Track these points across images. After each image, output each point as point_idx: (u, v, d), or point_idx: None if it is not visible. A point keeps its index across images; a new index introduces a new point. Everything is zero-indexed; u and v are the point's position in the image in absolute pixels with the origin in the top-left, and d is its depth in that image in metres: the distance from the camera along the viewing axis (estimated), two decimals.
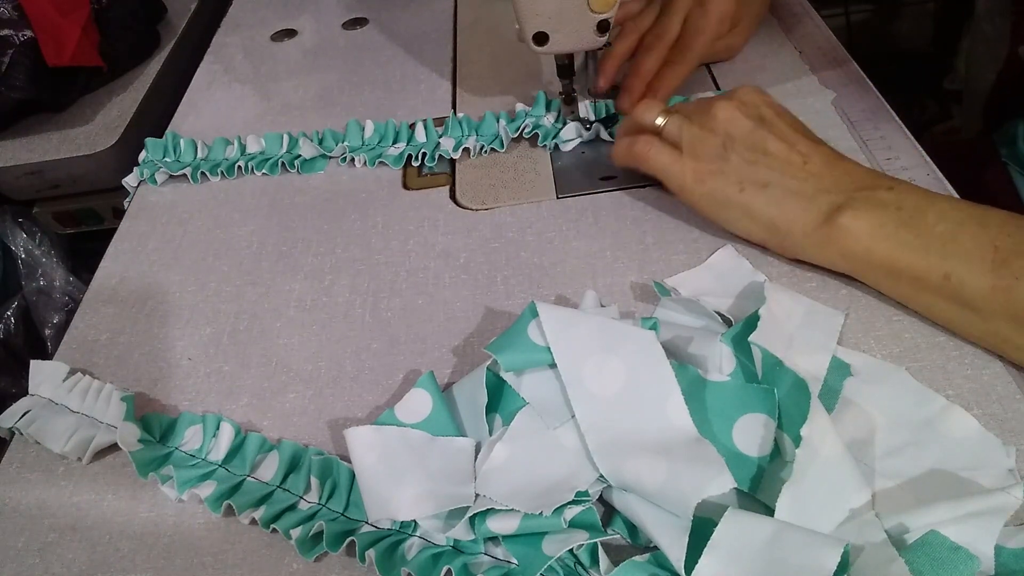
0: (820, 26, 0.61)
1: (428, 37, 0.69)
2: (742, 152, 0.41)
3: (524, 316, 0.37)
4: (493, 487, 0.32)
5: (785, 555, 0.27)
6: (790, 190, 0.40)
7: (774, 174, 0.40)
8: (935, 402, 0.34)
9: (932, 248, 0.35)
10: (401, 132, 0.56)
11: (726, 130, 0.42)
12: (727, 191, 0.41)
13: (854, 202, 0.37)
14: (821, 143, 0.42)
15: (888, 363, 0.36)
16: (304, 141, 0.57)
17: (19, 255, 0.71)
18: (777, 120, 0.42)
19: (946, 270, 0.35)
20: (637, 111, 0.46)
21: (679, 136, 0.43)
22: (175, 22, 0.78)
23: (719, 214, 0.43)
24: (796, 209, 0.39)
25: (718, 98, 0.43)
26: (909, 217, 0.36)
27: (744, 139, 0.41)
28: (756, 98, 0.43)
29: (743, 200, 0.41)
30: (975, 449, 0.32)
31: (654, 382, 0.34)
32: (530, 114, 0.54)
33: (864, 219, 0.37)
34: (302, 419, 0.40)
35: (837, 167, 0.40)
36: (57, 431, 0.39)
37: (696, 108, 0.44)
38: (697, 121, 0.43)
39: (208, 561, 0.34)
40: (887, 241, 0.36)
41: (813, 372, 0.35)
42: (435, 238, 0.49)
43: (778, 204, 0.40)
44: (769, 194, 0.40)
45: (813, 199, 0.39)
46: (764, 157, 0.41)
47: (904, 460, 0.32)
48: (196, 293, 0.48)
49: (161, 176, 0.57)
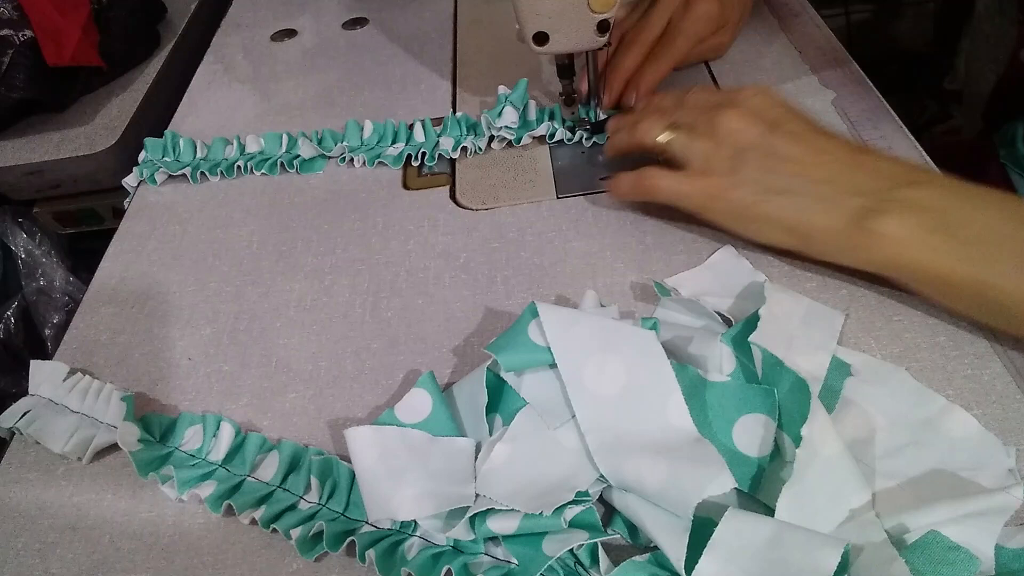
0: (820, 26, 0.61)
1: (428, 37, 0.69)
2: (755, 161, 0.39)
3: (524, 316, 0.37)
4: (493, 487, 0.32)
5: (785, 555, 0.27)
6: (811, 194, 0.38)
7: (792, 179, 0.38)
8: (935, 402, 0.34)
9: (967, 254, 0.33)
10: (400, 132, 0.56)
11: (735, 141, 0.40)
12: (746, 203, 0.39)
13: (883, 204, 0.35)
14: (836, 137, 0.40)
15: (888, 363, 0.36)
16: (303, 141, 0.56)
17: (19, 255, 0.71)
18: (787, 121, 0.40)
19: (983, 277, 0.33)
20: (639, 130, 0.44)
21: (686, 155, 0.42)
22: (175, 22, 0.78)
23: (745, 227, 0.41)
24: (821, 214, 0.37)
25: (721, 105, 0.41)
26: (942, 220, 0.34)
27: (756, 147, 0.39)
28: (762, 100, 0.41)
29: (764, 210, 0.39)
30: (975, 449, 0.32)
31: (654, 382, 0.34)
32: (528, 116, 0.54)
33: (894, 224, 0.35)
34: (302, 419, 0.40)
35: (857, 162, 0.38)
36: (57, 431, 0.39)
37: (699, 119, 0.42)
38: (703, 135, 0.41)
39: (208, 561, 0.34)
40: (920, 247, 0.34)
41: (813, 372, 0.35)
42: (435, 238, 0.49)
43: (801, 210, 0.38)
44: (790, 201, 0.38)
45: (837, 202, 0.37)
46: (780, 163, 0.39)
47: (904, 460, 0.32)
48: (196, 293, 0.48)
49: (160, 176, 0.57)
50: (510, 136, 0.53)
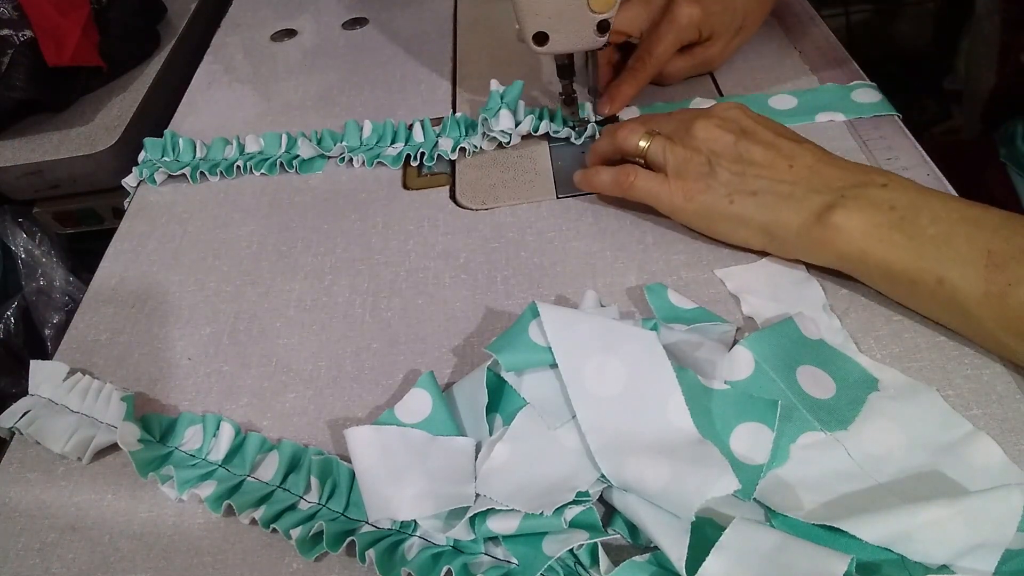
0: (820, 26, 0.61)
1: (428, 37, 0.69)
2: (728, 165, 0.41)
3: (524, 316, 0.37)
4: (493, 487, 0.32)
5: (792, 560, 0.27)
6: (780, 194, 0.40)
7: (762, 181, 0.40)
8: (961, 427, 0.33)
9: (925, 252, 0.35)
10: (399, 132, 0.56)
11: (709, 147, 0.42)
12: (718, 204, 0.41)
13: (845, 200, 0.37)
14: (806, 142, 0.41)
15: (920, 382, 0.35)
16: (303, 141, 0.56)
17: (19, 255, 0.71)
18: (758, 128, 0.42)
19: (939, 274, 0.34)
20: (619, 136, 0.46)
21: (663, 158, 0.43)
22: (175, 22, 0.78)
23: (714, 228, 0.43)
24: (787, 211, 0.39)
25: (698, 116, 0.43)
26: (901, 218, 0.36)
27: (728, 152, 0.41)
28: (734, 112, 0.43)
29: (734, 211, 0.41)
30: (996, 479, 0.31)
31: (655, 383, 0.34)
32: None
33: (856, 219, 0.37)
34: (302, 419, 0.40)
35: (824, 165, 0.40)
36: (57, 431, 0.39)
37: (677, 128, 0.44)
38: (680, 141, 0.43)
39: (208, 561, 0.34)
40: (880, 243, 0.36)
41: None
42: (435, 238, 0.49)
43: (769, 209, 0.40)
44: (759, 201, 0.40)
45: (803, 200, 0.39)
46: (750, 167, 0.41)
47: (917, 482, 0.31)
48: (196, 293, 0.48)
49: (160, 176, 0.57)
50: (503, 139, 0.53)
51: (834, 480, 0.32)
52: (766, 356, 0.35)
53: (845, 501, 0.31)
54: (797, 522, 0.30)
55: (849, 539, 0.29)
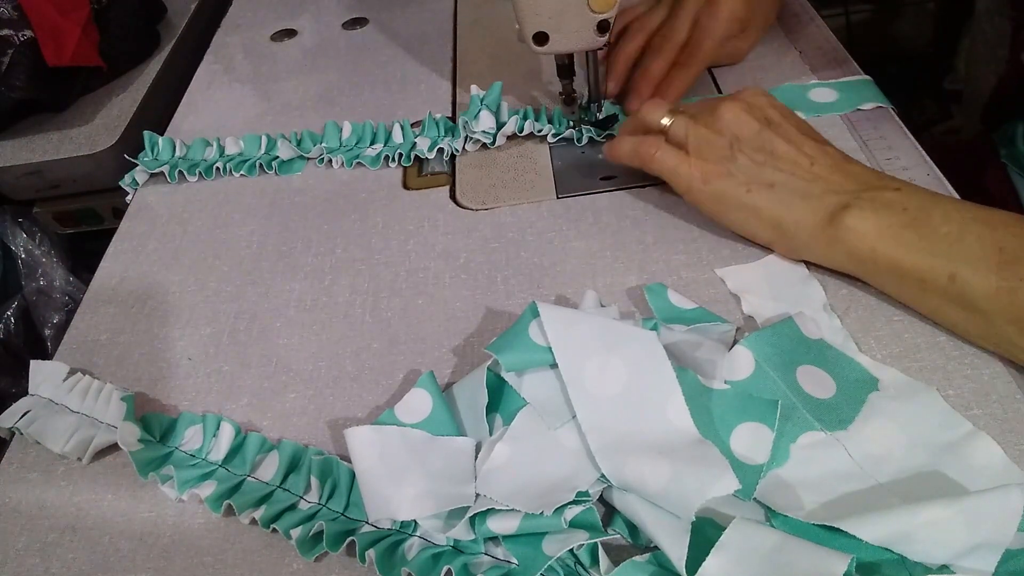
0: (820, 26, 0.61)
1: (428, 37, 0.69)
2: (749, 153, 0.41)
3: (525, 316, 0.37)
4: (493, 487, 0.32)
5: (793, 560, 0.27)
6: (797, 191, 0.40)
7: (781, 175, 0.40)
8: (961, 427, 0.33)
9: (937, 249, 0.35)
10: (379, 133, 0.56)
11: (733, 131, 0.42)
12: (734, 192, 0.41)
13: (859, 202, 0.37)
14: (828, 144, 0.42)
15: (919, 382, 0.35)
16: (282, 142, 0.57)
17: (19, 255, 0.71)
18: (784, 122, 0.42)
19: (951, 271, 0.35)
20: (643, 110, 0.46)
21: (685, 137, 0.43)
22: (175, 22, 0.78)
23: (726, 215, 0.43)
24: (802, 209, 0.39)
25: (724, 99, 0.43)
26: (914, 218, 0.36)
27: (751, 140, 0.41)
28: (762, 100, 0.43)
29: (750, 201, 0.41)
30: (996, 479, 0.31)
31: (655, 383, 0.34)
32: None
33: (870, 219, 0.37)
34: (302, 419, 0.40)
35: (844, 168, 0.40)
36: (57, 431, 0.39)
37: (702, 109, 0.44)
38: (704, 122, 0.43)
39: (208, 561, 0.34)
40: (892, 241, 0.36)
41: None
42: (435, 238, 0.49)
43: (785, 205, 0.40)
44: (776, 195, 0.40)
45: (819, 199, 0.39)
46: (771, 158, 0.41)
47: (917, 482, 0.31)
48: (196, 293, 0.48)
49: (141, 176, 0.57)
50: (486, 140, 0.53)
51: (834, 480, 0.32)
52: (766, 356, 0.35)
53: (845, 501, 0.31)
54: (797, 522, 0.30)
55: (849, 539, 0.29)
